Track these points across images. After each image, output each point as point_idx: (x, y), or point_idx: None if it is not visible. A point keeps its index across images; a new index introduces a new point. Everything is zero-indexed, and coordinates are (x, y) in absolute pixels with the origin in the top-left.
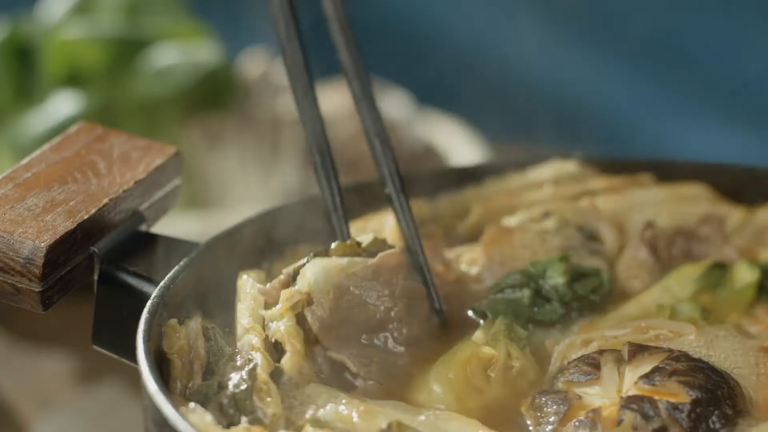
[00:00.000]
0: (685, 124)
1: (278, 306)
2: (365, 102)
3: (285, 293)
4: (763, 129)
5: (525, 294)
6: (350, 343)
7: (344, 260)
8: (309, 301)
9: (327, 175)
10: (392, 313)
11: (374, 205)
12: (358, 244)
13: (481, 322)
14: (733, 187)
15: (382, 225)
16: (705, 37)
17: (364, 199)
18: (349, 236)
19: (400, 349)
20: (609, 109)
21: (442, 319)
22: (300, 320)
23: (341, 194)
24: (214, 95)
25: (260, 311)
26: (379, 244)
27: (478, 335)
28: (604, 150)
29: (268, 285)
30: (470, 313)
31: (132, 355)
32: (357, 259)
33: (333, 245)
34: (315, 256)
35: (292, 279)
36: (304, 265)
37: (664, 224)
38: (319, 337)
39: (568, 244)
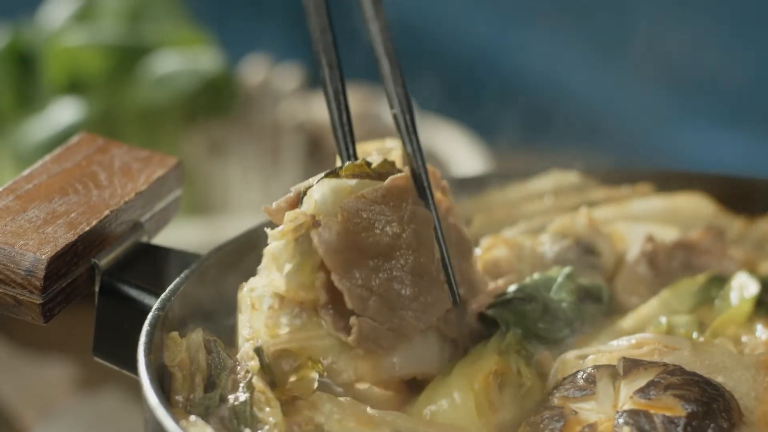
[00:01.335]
0: (690, 128)
1: (280, 227)
2: (377, 22)
3: (289, 215)
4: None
5: (534, 308)
6: (356, 268)
7: (353, 181)
8: (315, 223)
9: (335, 88)
10: (400, 240)
11: None
12: (368, 164)
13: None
14: (734, 198)
15: (384, 145)
16: (709, 42)
17: None
18: (354, 154)
19: (407, 278)
20: (612, 114)
21: (456, 305)
22: (300, 243)
23: (348, 110)
24: (215, 102)
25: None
26: (388, 167)
27: (492, 346)
28: (608, 155)
29: (274, 204)
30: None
31: (133, 367)
32: (366, 180)
33: (342, 165)
34: (324, 176)
35: (300, 200)
36: (312, 185)
37: (664, 236)
38: (325, 260)
39: (565, 258)
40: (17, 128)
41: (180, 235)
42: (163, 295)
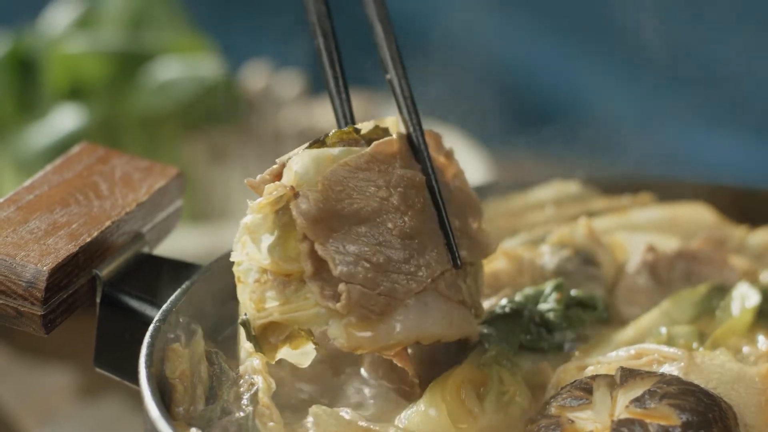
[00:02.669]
0: (692, 131)
1: (258, 200)
2: None
3: (268, 187)
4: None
5: (519, 321)
6: (341, 235)
7: (336, 150)
8: (295, 194)
9: (330, 58)
10: (387, 204)
11: None
12: (357, 131)
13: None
14: (735, 207)
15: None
16: (713, 45)
17: None
18: (353, 121)
19: (396, 242)
20: (615, 118)
21: (457, 267)
22: (280, 215)
23: (344, 78)
24: (216, 109)
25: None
26: (379, 132)
27: (470, 360)
28: (611, 162)
29: (258, 177)
30: None
31: (134, 378)
32: (351, 148)
33: (329, 133)
34: (309, 146)
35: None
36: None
37: (664, 246)
38: (305, 231)
39: (564, 269)
40: (18, 134)
41: (181, 241)
42: (164, 307)
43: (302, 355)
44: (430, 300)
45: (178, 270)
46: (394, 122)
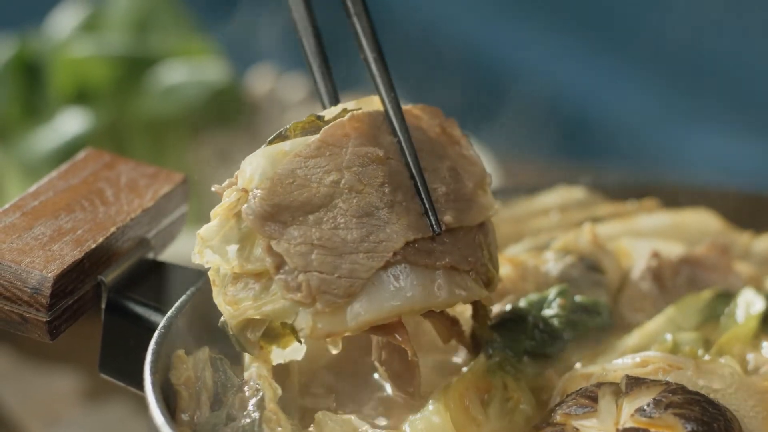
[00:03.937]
0: (696, 133)
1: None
2: None
3: (226, 192)
4: None
5: (523, 327)
6: (294, 227)
7: (287, 144)
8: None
9: (312, 50)
10: (339, 186)
11: None
12: (320, 118)
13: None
14: (740, 213)
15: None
16: (716, 46)
17: None
18: (337, 99)
19: (351, 222)
20: (618, 120)
21: (437, 233)
22: (240, 218)
23: (330, 73)
24: (222, 113)
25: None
26: (344, 115)
27: (474, 366)
28: (615, 162)
29: (226, 181)
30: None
31: (139, 385)
32: (303, 138)
33: (288, 126)
34: (269, 142)
35: None
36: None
37: (669, 252)
38: (255, 230)
39: (569, 276)
40: (24, 139)
41: (186, 247)
42: (169, 313)
43: (293, 352)
44: (401, 272)
45: (183, 276)
46: (377, 101)
